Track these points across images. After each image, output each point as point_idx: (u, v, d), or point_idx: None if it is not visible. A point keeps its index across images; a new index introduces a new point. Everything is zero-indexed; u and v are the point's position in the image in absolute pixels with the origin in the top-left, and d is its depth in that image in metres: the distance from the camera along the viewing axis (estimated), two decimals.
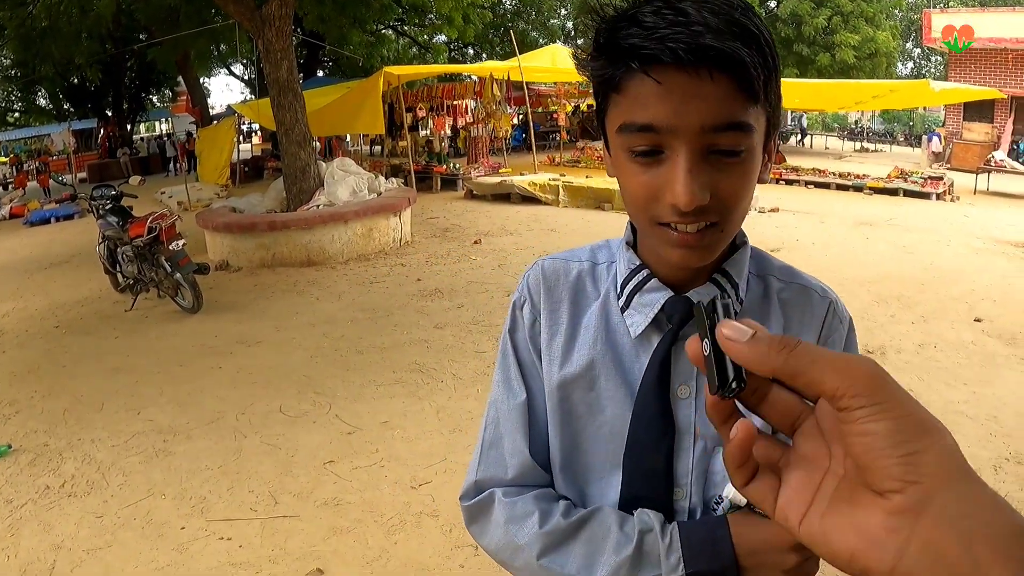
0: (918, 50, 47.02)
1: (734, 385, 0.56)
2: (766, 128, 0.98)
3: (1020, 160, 20.37)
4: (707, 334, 0.58)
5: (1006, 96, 21.23)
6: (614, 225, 12.14)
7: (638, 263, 1.15)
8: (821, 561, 1.14)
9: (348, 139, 27.36)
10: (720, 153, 0.93)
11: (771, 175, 1.11)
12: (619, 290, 1.17)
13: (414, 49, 34.23)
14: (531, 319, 1.24)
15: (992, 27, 22.42)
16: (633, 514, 1.14)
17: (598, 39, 0.96)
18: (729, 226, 1.00)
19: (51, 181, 24.38)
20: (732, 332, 0.56)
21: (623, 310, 1.16)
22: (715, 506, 1.13)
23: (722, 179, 0.94)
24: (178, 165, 29.70)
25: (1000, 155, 18.92)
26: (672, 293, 1.11)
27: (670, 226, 0.97)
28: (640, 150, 0.95)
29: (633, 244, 1.18)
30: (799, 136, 34.37)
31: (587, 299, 1.22)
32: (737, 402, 0.59)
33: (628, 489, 1.16)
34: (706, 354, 0.58)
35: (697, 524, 1.10)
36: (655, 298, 1.12)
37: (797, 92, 19.57)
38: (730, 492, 1.07)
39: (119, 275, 9.16)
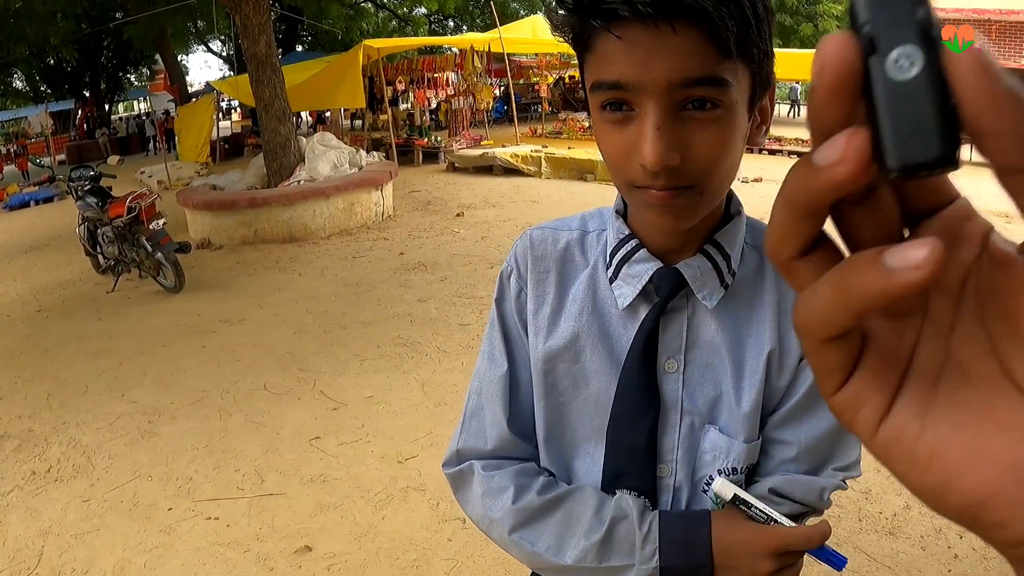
0: None
1: (948, 154, 0.29)
2: (751, 85, 0.93)
3: None
4: (917, 39, 0.29)
5: None
6: (597, 196, 12.11)
7: (627, 232, 1.12)
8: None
9: (328, 113, 27.21)
10: (693, 110, 0.89)
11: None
12: (608, 260, 1.14)
13: (393, 22, 34.04)
14: (517, 289, 1.22)
15: None
16: (614, 495, 1.13)
17: None
18: (709, 190, 0.95)
19: (29, 164, 24.21)
20: (987, 61, 0.28)
21: (611, 280, 1.13)
22: (705, 487, 1.12)
23: (696, 139, 0.90)
24: (157, 144, 29.48)
25: None
26: (661, 264, 1.08)
27: (644, 187, 0.94)
28: (610, 109, 0.92)
29: (624, 213, 1.15)
30: (791, 106, 34.09)
31: (575, 269, 1.19)
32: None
33: (611, 464, 1.15)
34: (907, 76, 0.29)
35: (678, 518, 1.09)
36: (644, 269, 1.09)
37: (779, 62, 19.44)
38: (717, 484, 1.05)
39: (100, 256, 9.08)
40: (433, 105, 20.56)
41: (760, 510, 1.03)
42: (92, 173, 9.25)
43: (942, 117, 0.29)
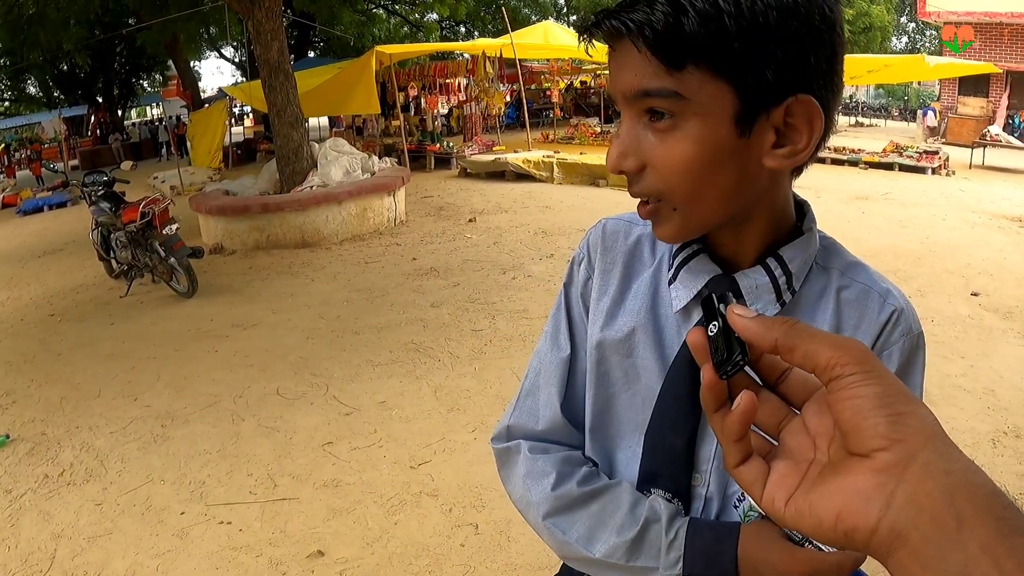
0: (912, 24, 46.81)
1: (738, 358, 0.59)
2: (734, 98, 0.88)
3: (1015, 134, 20.33)
4: (715, 316, 0.63)
5: (1001, 70, 21.18)
6: (610, 201, 12.13)
7: None
8: None
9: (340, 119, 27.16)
10: (651, 121, 0.92)
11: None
12: (671, 260, 1.14)
13: (405, 28, 34.12)
14: (585, 276, 1.24)
15: (987, 1, 22.29)
16: (649, 495, 1.13)
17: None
18: (683, 202, 0.94)
19: (43, 169, 24.32)
20: (741, 310, 0.60)
21: (670, 282, 1.13)
22: (737, 503, 1.10)
23: (655, 149, 0.92)
24: (170, 149, 29.62)
25: (995, 129, 18.88)
26: (720, 271, 1.07)
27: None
28: (615, 115, 0.99)
29: None
30: None
31: (642, 265, 1.20)
32: (755, 376, 0.64)
33: (647, 463, 1.15)
34: (712, 333, 0.62)
35: (707, 528, 1.08)
36: (701, 274, 1.09)
37: None
38: (752, 502, 1.04)
39: (113, 261, 9.13)
40: (445, 111, 20.59)
41: (794, 532, 1.00)
42: (105, 178, 9.30)
43: (731, 344, 0.59)
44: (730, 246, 1.06)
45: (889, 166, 16.19)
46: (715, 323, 0.62)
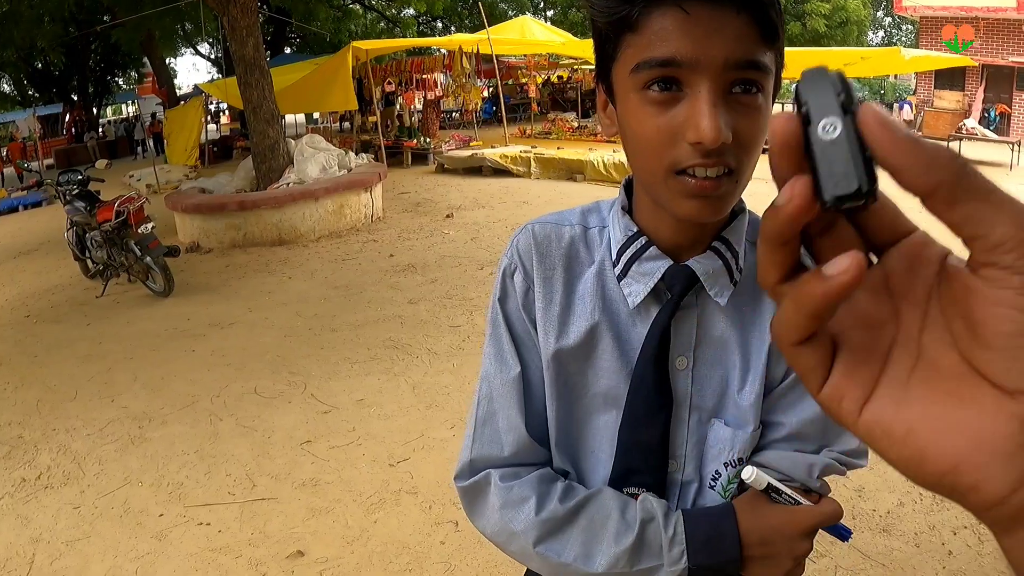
0: (889, 19, 47.11)
1: (866, 188, 0.38)
2: (775, 79, 0.96)
3: (991, 128, 20.52)
4: (832, 111, 0.40)
5: (977, 64, 21.33)
6: (587, 195, 12.12)
7: (635, 229, 1.11)
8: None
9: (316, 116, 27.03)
10: (740, 93, 0.91)
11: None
12: (615, 257, 1.12)
13: (382, 23, 34.02)
14: (524, 288, 1.18)
15: None
16: (630, 494, 1.13)
17: None
18: (743, 177, 0.96)
19: (19, 168, 24.12)
20: (883, 119, 0.38)
21: (620, 278, 1.12)
22: (712, 482, 1.13)
23: (741, 120, 0.91)
24: (146, 147, 29.45)
25: (971, 123, 19.05)
26: (672, 262, 1.08)
27: (687, 173, 0.92)
28: (658, 88, 0.92)
29: (629, 209, 1.13)
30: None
31: (581, 265, 1.17)
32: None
33: (622, 461, 1.15)
34: (829, 137, 0.39)
35: (702, 516, 1.09)
36: (655, 267, 1.08)
37: None
38: (748, 474, 1.05)
39: (89, 261, 9.07)
40: (420, 106, 20.56)
41: (789, 496, 1.05)
42: (80, 177, 9.23)
43: (858, 163, 0.38)
44: (689, 234, 1.07)
45: None
46: (832, 122, 0.39)
